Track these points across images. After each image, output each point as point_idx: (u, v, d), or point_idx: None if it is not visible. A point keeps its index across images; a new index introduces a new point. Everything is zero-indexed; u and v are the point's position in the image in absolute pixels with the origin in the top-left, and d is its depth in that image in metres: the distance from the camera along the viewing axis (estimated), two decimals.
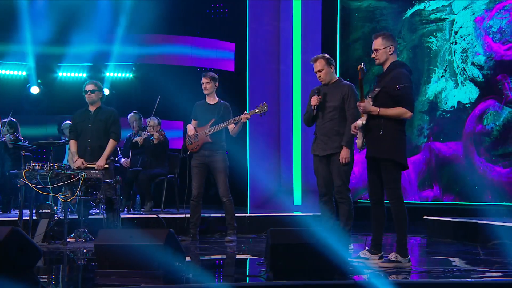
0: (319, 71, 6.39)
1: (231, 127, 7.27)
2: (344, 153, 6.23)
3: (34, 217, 6.84)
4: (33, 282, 4.63)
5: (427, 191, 10.18)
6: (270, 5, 11.05)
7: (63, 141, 8.58)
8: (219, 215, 8.14)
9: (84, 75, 11.73)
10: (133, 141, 8.93)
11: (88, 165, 6.88)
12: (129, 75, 12.12)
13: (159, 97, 9.19)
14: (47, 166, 6.57)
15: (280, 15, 11.03)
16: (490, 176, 9.41)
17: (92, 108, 7.16)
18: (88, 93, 7.10)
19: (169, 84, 10.19)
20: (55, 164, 6.62)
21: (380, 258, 5.44)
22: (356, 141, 5.64)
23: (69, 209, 6.86)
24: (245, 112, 7.27)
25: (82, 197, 6.66)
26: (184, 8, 11.49)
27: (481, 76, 9.53)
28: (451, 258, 6.05)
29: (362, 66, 5.42)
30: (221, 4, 11.75)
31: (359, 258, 5.37)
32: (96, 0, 11.70)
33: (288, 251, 4.72)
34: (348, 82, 6.59)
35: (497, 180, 9.35)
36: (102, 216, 7.05)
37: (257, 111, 7.22)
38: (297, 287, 4.30)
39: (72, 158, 7.14)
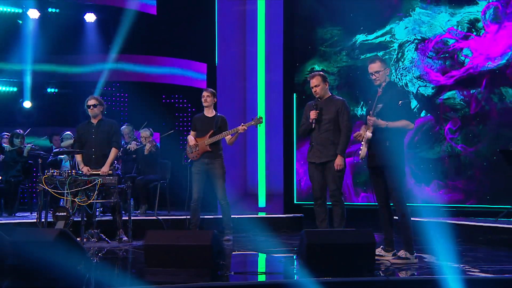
0: (315, 86, 6.47)
1: (228, 137, 7.34)
2: (339, 161, 6.36)
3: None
4: (81, 279, 4.67)
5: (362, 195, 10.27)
6: (237, 30, 11.34)
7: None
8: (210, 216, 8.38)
9: None
10: (127, 148, 9.00)
11: (93, 172, 6.92)
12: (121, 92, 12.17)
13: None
14: (65, 173, 6.63)
15: (246, 39, 11.34)
16: None
17: (94, 121, 7.21)
18: (91, 107, 7.15)
19: (149, 99, 10.65)
20: (73, 171, 6.67)
21: (394, 255, 5.53)
22: (359, 152, 5.63)
23: (75, 213, 6.79)
24: (242, 124, 7.32)
25: (97, 201, 6.71)
26: (165, 32, 11.60)
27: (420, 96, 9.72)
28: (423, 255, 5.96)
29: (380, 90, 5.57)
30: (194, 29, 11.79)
31: (376, 256, 5.30)
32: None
33: (323, 250, 4.74)
34: (341, 98, 6.70)
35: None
36: (111, 218, 7.13)
37: (253, 123, 7.33)
38: (334, 284, 4.26)
39: (79, 166, 7.16)
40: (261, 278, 4.84)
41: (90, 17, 11.84)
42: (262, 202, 10.84)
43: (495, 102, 9.16)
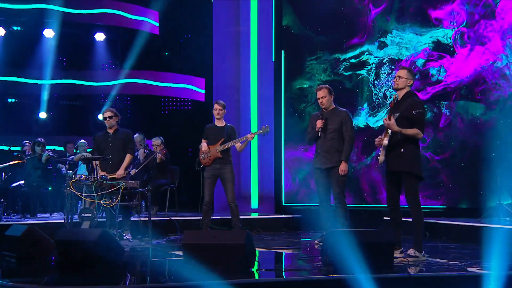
0: (322, 97, 6.48)
1: (237, 145, 7.31)
2: (343, 166, 6.38)
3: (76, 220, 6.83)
4: (122, 276, 4.72)
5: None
6: (231, 49, 11.29)
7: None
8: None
9: None
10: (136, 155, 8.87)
11: (110, 176, 6.94)
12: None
13: None
14: (91, 178, 6.63)
15: (240, 56, 11.30)
16: None
17: (110, 130, 7.26)
18: (107, 119, 7.20)
19: (152, 110, 10.72)
20: (98, 176, 6.70)
21: (401, 252, 5.43)
22: (378, 157, 5.52)
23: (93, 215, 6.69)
24: (251, 132, 7.45)
25: (121, 203, 6.68)
26: (167, 50, 11.73)
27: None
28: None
29: (394, 100, 5.50)
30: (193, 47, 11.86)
31: None
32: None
33: (347, 249, 4.62)
34: (344, 109, 6.66)
35: None
36: (137, 219, 7.19)
37: (260, 131, 7.32)
38: (359, 280, 4.19)
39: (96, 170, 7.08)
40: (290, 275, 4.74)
41: (99, 36, 11.97)
42: (254, 204, 10.83)
43: (462, 115, 9.47)
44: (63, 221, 7.00)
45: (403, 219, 5.64)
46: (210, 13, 11.25)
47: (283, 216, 9.59)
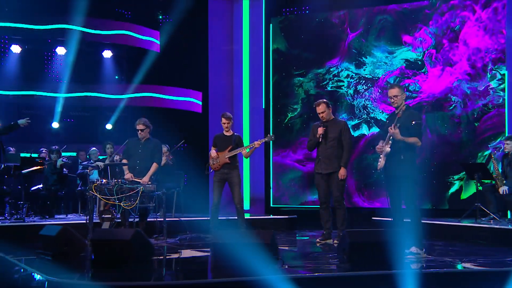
0: (322, 112, 6.49)
1: (244, 152, 7.29)
2: (343, 172, 6.39)
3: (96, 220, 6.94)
4: (152, 272, 4.70)
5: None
6: (225, 65, 11.44)
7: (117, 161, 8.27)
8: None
9: None
10: None
11: (136, 179, 6.84)
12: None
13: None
14: (112, 182, 6.49)
15: (233, 72, 11.45)
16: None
17: (142, 139, 7.19)
18: (139, 131, 7.12)
19: (156, 121, 10.82)
20: (119, 180, 6.58)
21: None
22: (378, 163, 5.55)
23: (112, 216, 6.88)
24: (259, 139, 7.32)
25: (140, 205, 6.62)
26: (167, 66, 11.77)
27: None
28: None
29: (399, 113, 5.47)
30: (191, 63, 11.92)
31: None
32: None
33: (363, 248, 4.67)
34: (342, 120, 6.82)
35: None
36: (154, 219, 7.17)
37: (266, 139, 7.34)
38: (373, 277, 4.18)
39: (124, 172, 7.06)
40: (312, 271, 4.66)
41: (107, 54, 12.10)
42: (246, 205, 10.87)
43: (432, 126, 9.93)
44: (85, 221, 7.06)
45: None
46: (206, 33, 11.41)
47: (287, 216, 9.38)
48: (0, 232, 7.20)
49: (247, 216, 9.29)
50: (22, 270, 4.89)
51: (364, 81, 10.57)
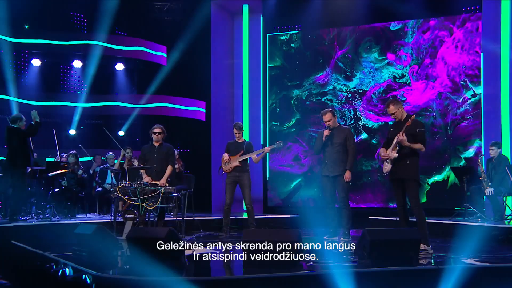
0: (328, 120, 6.48)
1: (254, 157, 7.36)
2: (348, 174, 6.42)
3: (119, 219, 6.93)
4: (184, 268, 4.66)
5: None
6: (227, 78, 11.66)
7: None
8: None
9: None
10: None
11: (154, 182, 6.86)
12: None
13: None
14: (135, 184, 6.55)
15: (233, 84, 11.66)
16: None
17: (156, 144, 7.20)
18: (156, 134, 7.17)
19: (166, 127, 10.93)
20: (141, 182, 6.62)
21: None
22: (384, 168, 5.65)
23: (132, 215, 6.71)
24: (269, 145, 7.49)
25: (160, 205, 6.62)
26: (173, 78, 11.86)
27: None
28: None
29: (411, 120, 5.48)
30: (195, 75, 12.03)
31: None
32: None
33: (383, 245, 4.62)
34: (347, 127, 6.82)
35: None
36: (174, 219, 7.28)
37: (275, 146, 7.39)
38: (392, 273, 4.14)
39: (142, 176, 7.03)
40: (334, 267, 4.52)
41: (119, 67, 12.24)
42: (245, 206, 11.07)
43: None
44: (109, 220, 7.20)
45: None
46: (208, 48, 11.58)
47: (290, 216, 9.43)
48: (29, 230, 7.21)
49: (246, 215, 9.49)
50: (63, 265, 4.88)
51: (351, 95, 10.86)
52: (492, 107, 9.73)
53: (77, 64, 11.79)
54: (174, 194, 6.92)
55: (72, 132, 11.62)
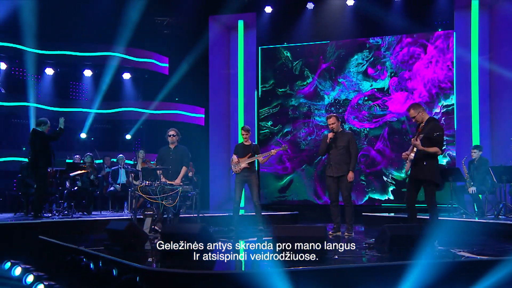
0: (332, 123, 6.48)
1: (260, 158, 7.26)
2: (351, 175, 6.44)
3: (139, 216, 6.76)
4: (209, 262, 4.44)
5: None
6: (223, 86, 11.53)
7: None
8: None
9: None
10: None
11: (169, 182, 6.79)
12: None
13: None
14: (155, 183, 6.49)
15: (230, 92, 11.57)
16: None
17: (171, 146, 7.14)
18: (171, 136, 7.11)
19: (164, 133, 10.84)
20: (160, 182, 6.57)
21: None
22: (405, 167, 5.55)
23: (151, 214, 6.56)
24: (274, 148, 7.36)
25: (178, 203, 6.56)
26: (174, 86, 11.86)
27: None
28: None
29: (419, 127, 5.40)
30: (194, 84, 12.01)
31: None
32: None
33: (402, 240, 4.57)
34: (350, 131, 6.85)
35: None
36: (192, 215, 7.23)
37: (281, 148, 7.49)
38: (416, 265, 4.08)
39: (159, 176, 6.89)
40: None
41: (126, 76, 12.22)
42: (243, 203, 10.39)
43: (392, 141, 10.51)
44: (128, 217, 7.20)
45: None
46: (206, 59, 11.58)
47: (290, 213, 9.33)
48: (53, 226, 7.12)
49: (242, 212, 9.26)
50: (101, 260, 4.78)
51: (339, 101, 10.97)
52: (464, 113, 9.86)
53: (88, 73, 11.71)
54: (191, 193, 6.88)
55: (83, 135, 11.58)
